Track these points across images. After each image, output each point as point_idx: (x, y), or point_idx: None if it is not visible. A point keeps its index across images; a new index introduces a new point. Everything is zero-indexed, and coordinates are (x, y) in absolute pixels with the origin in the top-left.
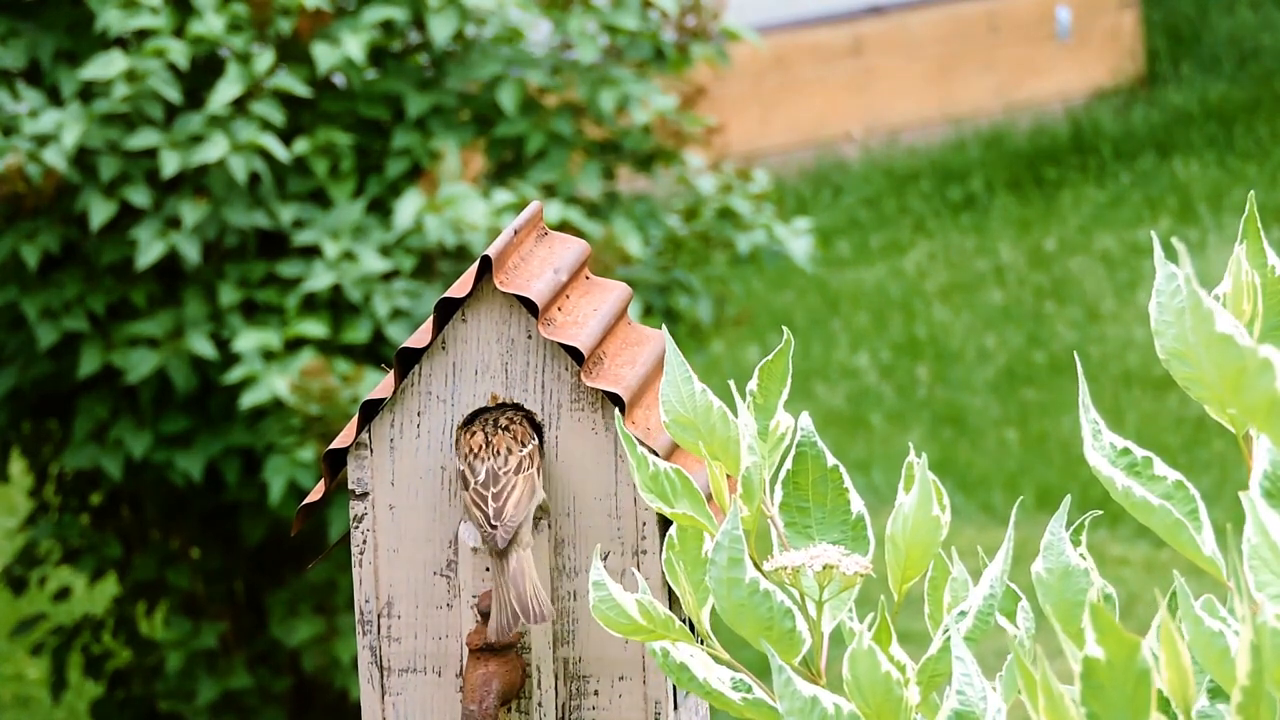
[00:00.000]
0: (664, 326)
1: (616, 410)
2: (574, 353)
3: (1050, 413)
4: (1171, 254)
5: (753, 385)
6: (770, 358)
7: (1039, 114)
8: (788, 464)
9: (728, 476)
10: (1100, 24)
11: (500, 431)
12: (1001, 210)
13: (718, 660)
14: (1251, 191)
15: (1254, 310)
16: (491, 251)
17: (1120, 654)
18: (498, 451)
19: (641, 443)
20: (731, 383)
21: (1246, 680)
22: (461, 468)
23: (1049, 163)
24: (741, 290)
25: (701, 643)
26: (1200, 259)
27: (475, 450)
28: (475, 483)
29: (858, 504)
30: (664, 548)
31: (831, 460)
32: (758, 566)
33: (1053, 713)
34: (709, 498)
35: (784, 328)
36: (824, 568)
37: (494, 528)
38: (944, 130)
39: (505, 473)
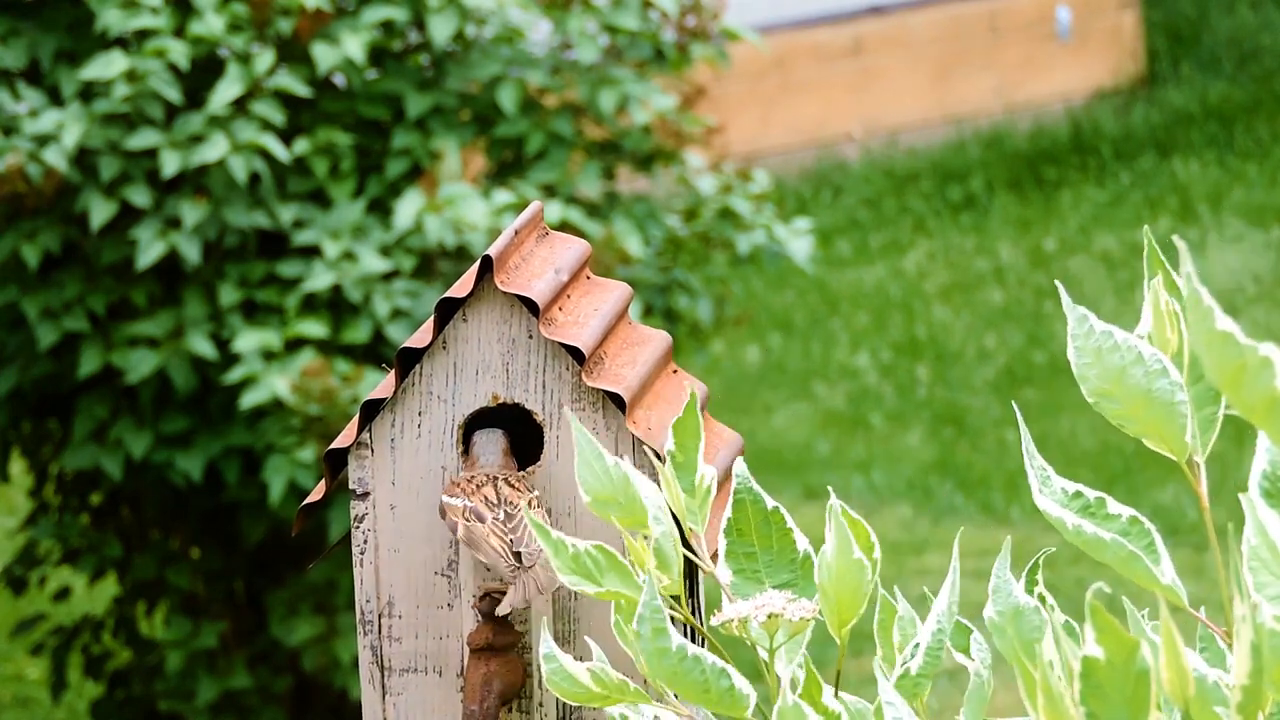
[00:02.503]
0: (567, 422)
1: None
2: (575, 353)
3: (1050, 413)
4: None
5: (670, 445)
6: (681, 414)
7: (1039, 114)
8: (727, 513)
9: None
10: (1100, 24)
11: (510, 488)
12: (1001, 210)
13: (679, 715)
14: (1146, 227)
15: (1180, 338)
16: (492, 251)
17: (1119, 654)
18: (512, 502)
19: (641, 443)
20: (649, 448)
21: (1246, 680)
22: (471, 504)
23: (1049, 163)
24: (741, 290)
25: (663, 701)
26: (1200, 259)
27: (490, 499)
28: (494, 517)
29: (803, 542)
30: (612, 611)
31: (771, 502)
32: (695, 628)
33: (1052, 713)
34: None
35: (687, 385)
36: (769, 617)
37: (516, 560)
38: (944, 130)
39: (520, 518)
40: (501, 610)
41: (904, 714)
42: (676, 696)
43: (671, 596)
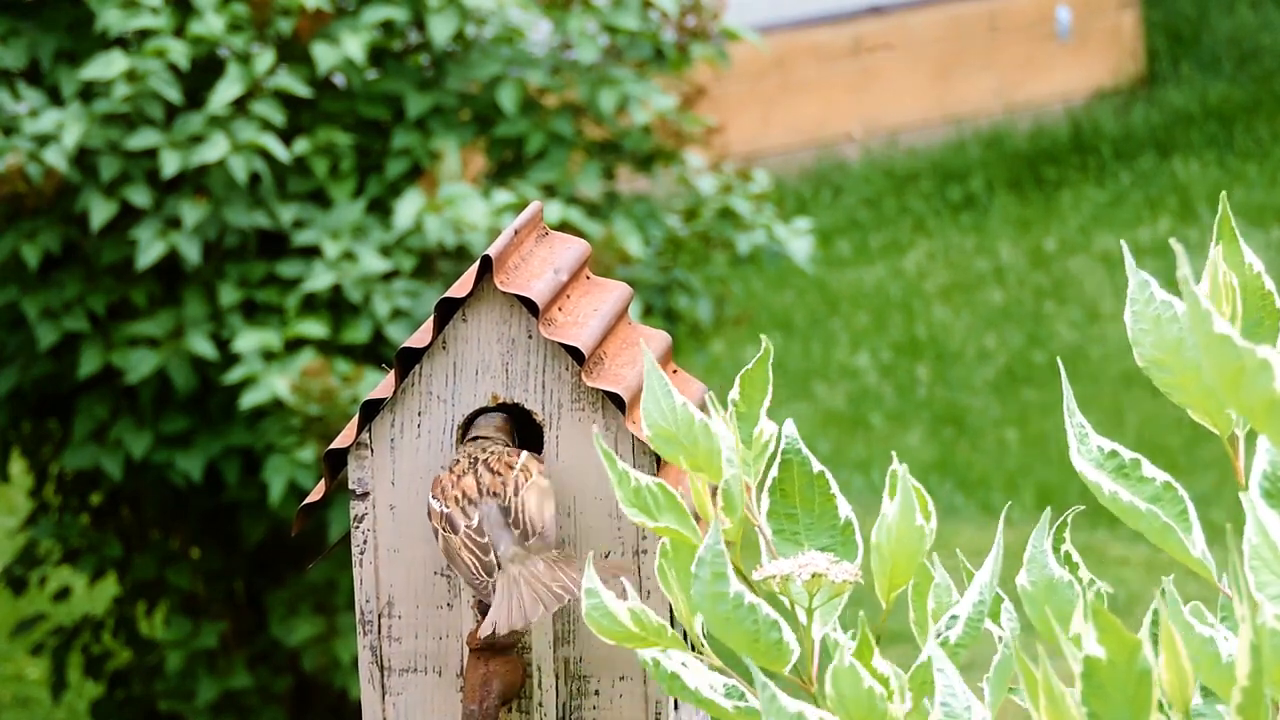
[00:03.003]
0: (643, 343)
1: (595, 428)
2: (574, 353)
3: (1050, 413)
4: (1161, 258)
5: (735, 394)
6: (751, 365)
7: (1039, 114)
8: (773, 472)
9: (712, 488)
10: (1100, 24)
11: (491, 474)
12: (1001, 210)
13: (711, 668)
14: (1224, 193)
15: (1233, 310)
16: (492, 251)
17: (1121, 654)
18: (495, 492)
19: (641, 443)
20: (709, 393)
21: (1246, 680)
22: (447, 510)
23: (1049, 163)
24: (741, 290)
25: (696, 650)
26: (1200, 259)
27: (469, 494)
28: (468, 525)
29: (845, 509)
30: (658, 554)
31: (817, 466)
32: (744, 577)
33: (1054, 712)
34: (696, 515)
35: (762, 337)
36: (812, 576)
37: (488, 575)
38: (944, 130)
39: (509, 497)
40: (483, 632)
41: (954, 680)
42: (702, 641)
43: (726, 542)
